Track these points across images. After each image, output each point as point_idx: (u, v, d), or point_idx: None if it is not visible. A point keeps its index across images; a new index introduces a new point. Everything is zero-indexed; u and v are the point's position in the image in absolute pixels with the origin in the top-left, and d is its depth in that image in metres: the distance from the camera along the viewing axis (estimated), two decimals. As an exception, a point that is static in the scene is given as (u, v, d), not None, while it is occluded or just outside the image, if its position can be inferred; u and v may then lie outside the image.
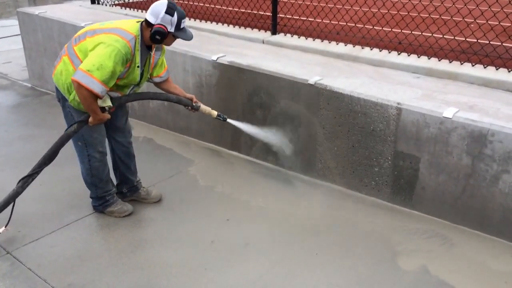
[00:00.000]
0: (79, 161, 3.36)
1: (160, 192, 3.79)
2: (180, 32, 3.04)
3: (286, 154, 4.05)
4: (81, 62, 2.96)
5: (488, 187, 3.19)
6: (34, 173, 3.11)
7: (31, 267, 2.98)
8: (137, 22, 3.06)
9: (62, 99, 3.18)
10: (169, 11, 2.93)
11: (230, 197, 3.80)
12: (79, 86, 2.84)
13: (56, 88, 3.18)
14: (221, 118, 3.52)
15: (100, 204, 3.49)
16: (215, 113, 3.47)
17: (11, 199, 3.10)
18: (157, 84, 3.43)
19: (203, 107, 3.42)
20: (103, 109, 3.04)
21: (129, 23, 3.05)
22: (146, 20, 3.01)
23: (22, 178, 3.11)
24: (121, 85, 3.11)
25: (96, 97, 2.92)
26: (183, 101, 3.37)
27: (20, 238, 3.24)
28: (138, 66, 3.06)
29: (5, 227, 3.16)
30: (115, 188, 3.59)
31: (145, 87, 3.57)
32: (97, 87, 2.85)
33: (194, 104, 3.41)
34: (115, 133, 3.47)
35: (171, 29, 2.98)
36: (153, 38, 2.97)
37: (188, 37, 3.10)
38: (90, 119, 3.05)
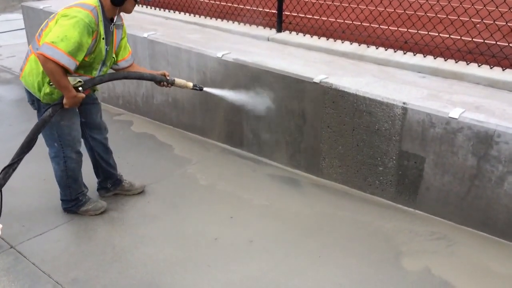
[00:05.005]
0: (53, 163, 3.29)
1: (143, 183, 3.80)
2: None
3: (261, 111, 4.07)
4: None
5: (493, 188, 3.18)
6: (14, 163, 3.02)
7: (35, 262, 2.98)
8: None
9: (36, 101, 3.12)
10: None
11: (233, 195, 3.80)
12: (45, 60, 2.76)
13: (27, 91, 3.14)
14: (197, 88, 3.50)
15: (73, 205, 3.42)
16: (190, 84, 3.43)
17: None
18: (123, 69, 3.35)
19: (178, 80, 3.37)
20: (75, 89, 2.95)
21: None
22: None
23: (3, 169, 3.02)
24: (89, 65, 3.03)
25: (65, 72, 2.85)
26: (157, 77, 3.31)
27: (24, 232, 3.24)
28: (103, 38, 3.02)
29: None
30: (87, 189, 3.51)
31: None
32: (64, 59, 2.79)
33: (168, 79, 3.35)
34: (91, 131, 3.44)
35: None
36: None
37: (147, 0, 3.22)
38: (65, 100, 2.96)
